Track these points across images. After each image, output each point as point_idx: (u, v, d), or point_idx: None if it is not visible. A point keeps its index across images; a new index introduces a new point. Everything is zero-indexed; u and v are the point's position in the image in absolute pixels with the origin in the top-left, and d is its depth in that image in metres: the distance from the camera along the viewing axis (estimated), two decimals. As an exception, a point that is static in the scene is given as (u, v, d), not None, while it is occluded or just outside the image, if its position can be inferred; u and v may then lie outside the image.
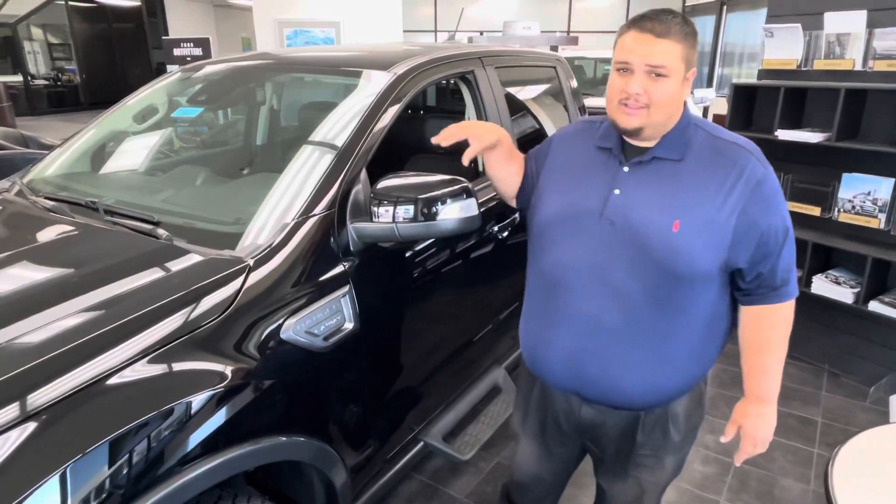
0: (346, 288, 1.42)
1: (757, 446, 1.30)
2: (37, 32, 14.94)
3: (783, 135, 2.84)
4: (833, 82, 2.72)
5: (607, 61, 6.77)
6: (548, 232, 1.27)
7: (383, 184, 1.46)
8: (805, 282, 2.87)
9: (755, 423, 1.28)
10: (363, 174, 1.53)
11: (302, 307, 1.31)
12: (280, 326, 1.26)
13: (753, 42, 9.72)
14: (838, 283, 2.79)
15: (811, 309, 3.02)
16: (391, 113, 1.68)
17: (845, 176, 2.75)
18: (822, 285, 2.83)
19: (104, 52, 15.80)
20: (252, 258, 1.31)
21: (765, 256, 1.16)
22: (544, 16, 12.43)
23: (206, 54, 7.69)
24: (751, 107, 3.18)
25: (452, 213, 1.41)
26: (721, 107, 6.94)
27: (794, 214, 2.85)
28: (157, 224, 1.46)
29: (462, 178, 1.48)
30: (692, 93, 5.80)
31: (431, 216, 1.41)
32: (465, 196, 1.43)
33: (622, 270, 1.16)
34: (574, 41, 6.83)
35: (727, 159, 1.15)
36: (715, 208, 1.12)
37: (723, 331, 1.28)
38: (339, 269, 1.42)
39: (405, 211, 1.42)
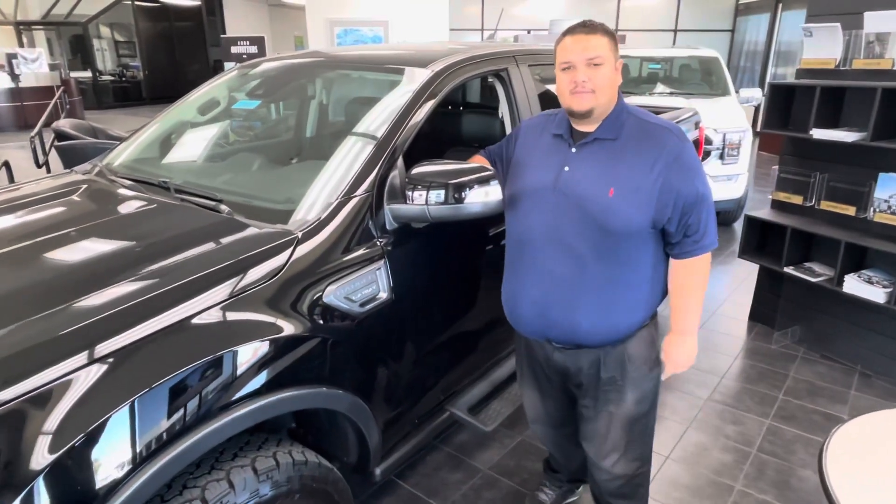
0: (382, 262, 1.58)
1: (678, 368, 1.58)
2: (105, 31, 15.83)
3: (818, 134, 2.86)
4: (870, 82, 2.72)
5: (651, 59, 6.75)
6: (517, 205, 1.55)
7: (417, 170, 1.61)
8: (837, 281, 2.88)
9: (677, 350, 1.57)
10: (400, 161, 1.69)
11: (342, 276, 1.49)
12: (323, 291, 1.43)
13: (809, 41, 9.39)
14: (871, 283, 2.79)
15: (843, 308, 3.02)
16: (428, 106, 1.83)
17: (882, 176, 2.74)
18: (854, 284, 2.83)
19: (165, 49, 16.61)
20: (301, 231, 1.49)
21: (684, 216, 1.42)
22: (592, 14, 12.31)
23: (262, 52, 8.06)
24: (789, 106, 3.19)
25: (478, 198, 1.55)
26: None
27: (827, 214, 2.94)
28: (219, 201, 1.66)
29: (488, 167, 1.62)
30: (738, 92, 5.76)
31: (459, 200, 1.56)
32: (490, 182, 1.57)
33: (572, 231, 1.44)
34: (622, 39, 6.84)
35: (653, 138, 1.42)
36: (643, 177, 1.39)
37: (661, 278, 1.55)
38: (375, 244, 1.59)
39: (437, 195, 1.57)
